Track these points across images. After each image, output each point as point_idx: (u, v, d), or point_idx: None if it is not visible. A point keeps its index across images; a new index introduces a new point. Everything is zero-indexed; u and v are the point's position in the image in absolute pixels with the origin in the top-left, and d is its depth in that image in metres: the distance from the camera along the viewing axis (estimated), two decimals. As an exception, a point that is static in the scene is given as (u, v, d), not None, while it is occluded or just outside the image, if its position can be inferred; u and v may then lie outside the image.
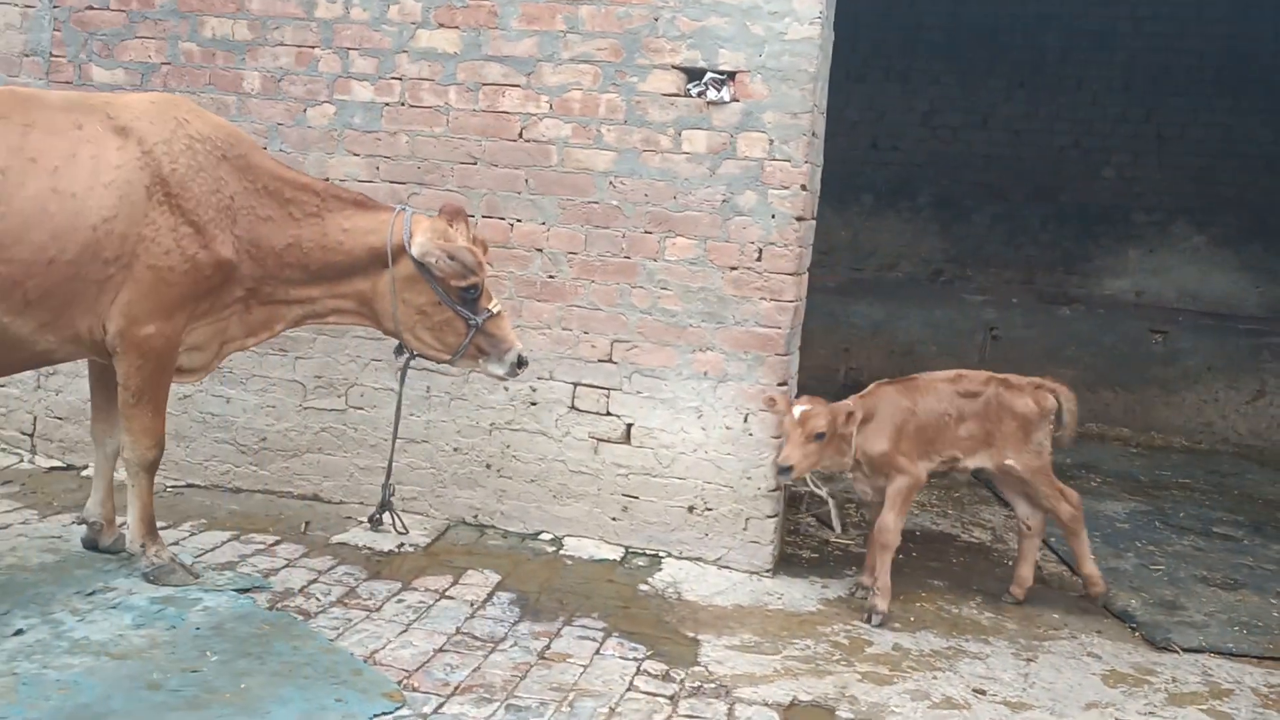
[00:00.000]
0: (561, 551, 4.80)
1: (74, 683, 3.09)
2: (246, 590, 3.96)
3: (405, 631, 3.79)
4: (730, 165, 4.60)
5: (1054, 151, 9.14)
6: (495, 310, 4.00)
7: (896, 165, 9.50)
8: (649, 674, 3.65)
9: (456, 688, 3.41)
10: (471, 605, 4.09)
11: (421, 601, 4.08)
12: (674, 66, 4.61)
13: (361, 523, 4.90)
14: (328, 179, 4.94)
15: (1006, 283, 9.25)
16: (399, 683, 3.38)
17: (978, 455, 4.54)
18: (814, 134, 4.60)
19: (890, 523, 4.36)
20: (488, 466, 5.01)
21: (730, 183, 4.61)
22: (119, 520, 4.17)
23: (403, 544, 4.70)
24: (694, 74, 4.60)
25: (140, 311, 3.70)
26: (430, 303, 3.93)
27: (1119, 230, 9.05)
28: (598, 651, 3.78)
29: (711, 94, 4.57)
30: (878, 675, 3.81)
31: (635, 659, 3.75)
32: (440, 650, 3.66)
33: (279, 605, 3.90)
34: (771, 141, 4.54)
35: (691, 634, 4.05)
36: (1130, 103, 8.98)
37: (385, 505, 4.83)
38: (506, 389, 4.94)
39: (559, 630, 3.94)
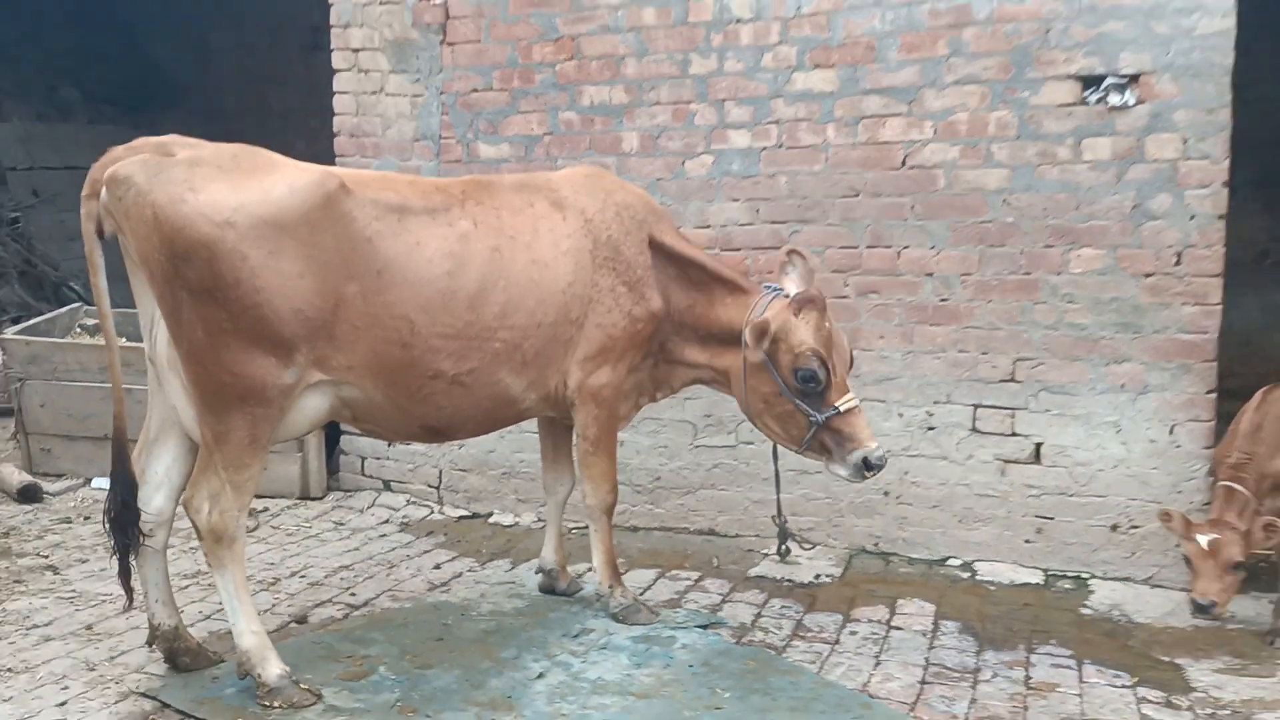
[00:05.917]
0: (978, 577, 4.75)
1: (623, 722, 3.31)
2: (707, 626, 4.14)
3: (878, 664, 3.84)
4: (1139, 169, 4.45)
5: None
6: (844, 407, 3.73)
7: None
8: (1150, 701, 3.54)
9: (964, 720, 3.43)
10: (924, 635, 4.10)
11: (874, 633, 4.13)
12: (1070, 76, 4.51)
13: (767, 555, 5.04)
14: (708, 225, 5.16)
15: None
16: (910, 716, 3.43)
17: None
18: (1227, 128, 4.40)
19: None
20: (886, 494, 5.02)
21: (1140, 187, 4.46)
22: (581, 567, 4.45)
23: (819, 575, 4.79)
24: (1090, 81, 4.49)
25: (593, 365, 3.98)
26: (773, 393, 3.86)
27: None
28: (1081, 679, 3.71)
29: (1114, 99, 4.44)
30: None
31: (1125, 686, 3.65)
32: (924, 682, 3.69)
33: (745, 640, 4.04)
34: (1185, 140, 4.37)
35: (1166, 658, 3.90)
36: None
37: (785, 534, 4.95)
38: (901, 415, 4.96)
39: (1027, 659, 3.89)
